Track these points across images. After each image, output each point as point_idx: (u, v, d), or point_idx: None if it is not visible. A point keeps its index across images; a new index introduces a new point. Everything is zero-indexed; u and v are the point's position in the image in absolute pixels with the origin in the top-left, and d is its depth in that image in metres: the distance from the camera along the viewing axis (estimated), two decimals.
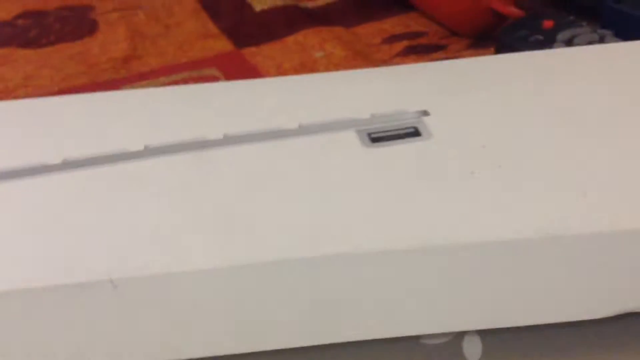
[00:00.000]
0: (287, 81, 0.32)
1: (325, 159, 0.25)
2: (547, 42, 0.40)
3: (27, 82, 0.46)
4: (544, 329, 0.23)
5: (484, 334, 0.24)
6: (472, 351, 0.24)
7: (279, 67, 0.47)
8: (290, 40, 0.50)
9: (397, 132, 0.26)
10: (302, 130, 0.26)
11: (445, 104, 0.27)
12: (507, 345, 0.24)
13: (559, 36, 0.40)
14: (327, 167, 0.24)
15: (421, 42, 0.49)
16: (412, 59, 0.47)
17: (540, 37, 0.41)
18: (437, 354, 0.24)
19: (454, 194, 0.23)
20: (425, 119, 0.26)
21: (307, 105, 0.28)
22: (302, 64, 0.47)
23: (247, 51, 0.49)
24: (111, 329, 0.20)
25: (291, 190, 0.23)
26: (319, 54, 0.47)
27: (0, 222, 0.22)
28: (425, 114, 0.27)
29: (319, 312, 0.21)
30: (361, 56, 0.47)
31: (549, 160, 0.24)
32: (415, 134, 0.26)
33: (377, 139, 0.26)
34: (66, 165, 0.24)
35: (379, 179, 0.23)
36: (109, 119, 0.28)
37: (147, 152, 0.25)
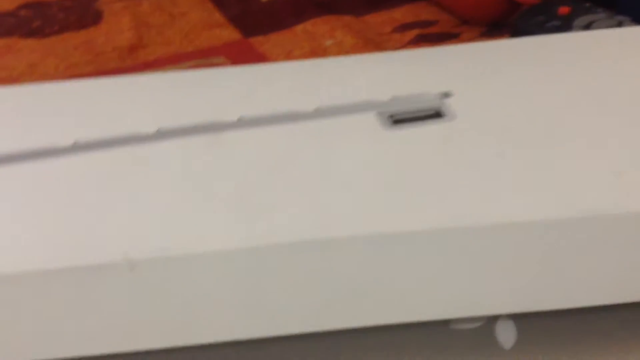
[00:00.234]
0: (302, 65, 0.31)
1: (344, 141, 0.24)
2: (563, 28, 0.40)
3: (32, 71, 0.45)
4: (582, 313, 0.22)
5: (518, 319, 0.23)
6: (506, 337, 0.23)
7: (288, 55, 0.46)
8: (299, 28, 0.49)
9: (419, 114, 0.25)
10: (320, 112, 0.25)
11: (467, 86, 0.26)
12: (543, 330, 0.23)
13: (576, 22, 0.40)
14: (347, 149, 0.23)
15: (433, 30, 0.48)
16: (424, 47, 0.46)
17: (556, 24, 0.40)
18: (468, 340, 0.23)
19: (481, 175, 0.22)
20: (447, 100, 0.26)
21: (324, 88, 0.27)
22: (312, 52, 0.46)
23: (255, 40, 0.48)
24: (127, 311, 0.20)
25: (310, 172, 0.22)
26: (328, 42, 0.47)
27: (14, 204, 0.21)
28: (447, 95, 0.26)
29: (342, 296, 0.21)
30: (372, 44, 0.46)
31: (576, 140, 0.23)
32: (437, 115, 0.25)
33: (398, 120, 0.25)
34: (79, 147, 0.24)
35: (402, 161, 0.23)
36: (120, 103, 0.27)
37: (162, 135, 0.24)
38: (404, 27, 0.49)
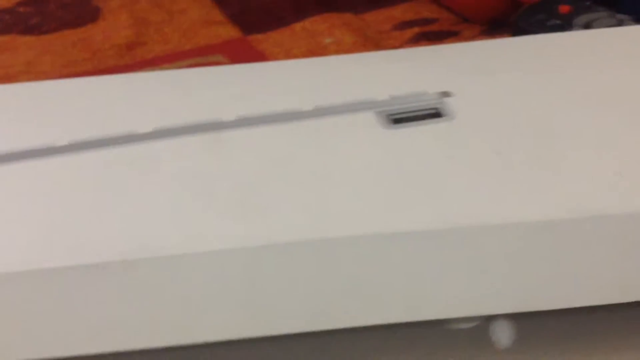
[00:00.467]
0: (301, 63, 0.31)
1: (343, 140, 0.24)
2: (564, 26, 0.39)
3: (29, 69, 0.45)
4: (577, 313, 0.22)
5: (514, 319, 0.23)
6: (502, 336, 0.23)
7: (287, 53, 0.46)
8: (298, 26, 0.49)
9: (418, 113, 0.25)
10: (319, 111, 0.25)
11: (466, 85, 0.26)
12: (539, 330, 0.23)
13: (576, 20, 0.40)
14: (346, 148, 0.23)
15: (433, 28, 0.48)
16: (424, 45, 0.46)
17: (557, 22, 0.40)
18: (464, 339, 0.23)
19: (479, 175, 0.22)
20: (446, 100, 0.25)
21: (323, 87, 0.27)
22: (311, 51, 0.46)
23: (253, 38, 0.48)
24: (125, 310, 0.20)
25: (309, 171, 0.22)
26: (328, 40, 0.46)
27: (11, 203, 0.21)
28: (446, 95, 0.26)
29: (340, 296, 0.20)
30: (371, 42, 0.46)
31: (576, 140, 0.23)
32: (436, 115, 0.25)
33: (398, 120, 0.25)
34: (76, 146, 0.23)
35: (401, 160, 0.23)
36: (119, 101, 0.27)
37: (159, 134, 0.24)
38: (403, 25, 0.48)
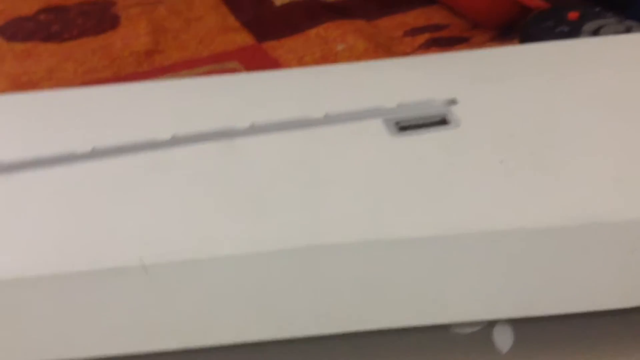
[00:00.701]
0: (312, 71, 0.32)
1: (352, 148, 0.25)
2: (573, 33, 0.40)
3: (51, 75, 0.46)
4: (577, 318, 0.22)
5: (516, 324, 0.23)
6: (503, 340, 0.24)
7: (300, 60, 0.46)
8: (311, 33, 0.49)
9: (425, 121, 0.26)
10: (329, 119, 0.26)
11: (472, 93, 0.27)
12: (539, 335, 0.23)
13: (585, 27, 0.40)
14: (355, 155, 0.24)
15: (444, 34, 0.48)
16: (434, 51, 0.46)
17: (566, 28, 0.40)
18: (468, 343, 0.23)
19: (483, 182, 0.22)
20: (452, 107, 0.26)
21: (333, 94, 0.28)
22: (324, 57, 0.46)
23: (268, 45, 0.49)
24: (141, 314, 0.20)
25: (319, 178, 0.23)
26: (340, 47, 0.47)
27: (34, 209, 0.22)
28: (452, 102, 0.26)
29: (347, 300, 0.21)
30: (383, 49, 0.46)
31: (579, 148, 0.24)
32: (443, 122, 0.26)
33: (404, 127, 0.25)
34: (96, 153, 0.24)
35: (407, 167, 0.23)
36: (136, 109, 0.28)
37: (176, 141, 0.25)
38: (415, 31, 0.49)
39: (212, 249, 0.20)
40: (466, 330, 0.23)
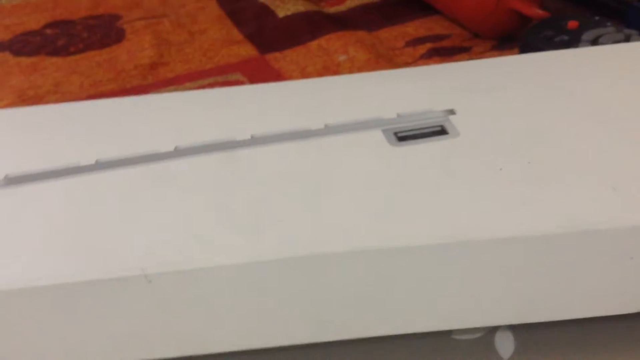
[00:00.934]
0: (312, 83, 0.32)
1: (352, 158, 0.25)
2: (572, 42, 0.40)
3: (57, 89, 0.47)
4: (578, 324, 0.23)
5: (517, 330, 0.23)
6: (505, 347, 0.24)
7: (302, 71, 0.47)
8: (313, 45, 0.50)
9: (424, 131, 0.26)
10: (329, 130, 0.26)
11: (471, 103, 0.27)
12: (540, 341, 0.23)
13: (584, 36, 0.40)
14: (355, 165, 0.24)
15: (444, 44, 0.49)
16: (435, 61, 0.47)
17: (565, 38, 0.41)
18: (469, 349, 0.24)
19: (482, 191, 0.23)
20: (451, 117, 0.26)
21: (333, 105, 0.28)
22: (325, 68, 0.47)
23: (271, 56, 0.49)
24: (144, 322, 0.21)
25: (319, 188, 0.23)
26: (342, 58, 0.48)
27: (37, 220, 0.23)
28: (451, 112, 0.27)
29: (348, 308, 0.21)
30: (384, 59, 0.47)
31: (577, 156, 0.24)
32: (442, 132, 0.26)
33: (403, 137, 0.26)
34: (100, 166, 0.25)
35: (406, 177, 0.24)
36: (140, 121, 0.28)
37: (178, 153, 0.25)
38: (416, 42, 0.49)
39: (214, 258, 0.21)
40: (468, 336, 0.24)
